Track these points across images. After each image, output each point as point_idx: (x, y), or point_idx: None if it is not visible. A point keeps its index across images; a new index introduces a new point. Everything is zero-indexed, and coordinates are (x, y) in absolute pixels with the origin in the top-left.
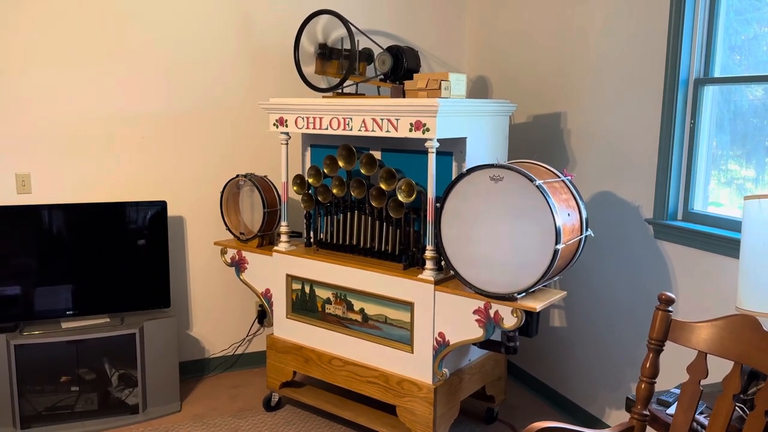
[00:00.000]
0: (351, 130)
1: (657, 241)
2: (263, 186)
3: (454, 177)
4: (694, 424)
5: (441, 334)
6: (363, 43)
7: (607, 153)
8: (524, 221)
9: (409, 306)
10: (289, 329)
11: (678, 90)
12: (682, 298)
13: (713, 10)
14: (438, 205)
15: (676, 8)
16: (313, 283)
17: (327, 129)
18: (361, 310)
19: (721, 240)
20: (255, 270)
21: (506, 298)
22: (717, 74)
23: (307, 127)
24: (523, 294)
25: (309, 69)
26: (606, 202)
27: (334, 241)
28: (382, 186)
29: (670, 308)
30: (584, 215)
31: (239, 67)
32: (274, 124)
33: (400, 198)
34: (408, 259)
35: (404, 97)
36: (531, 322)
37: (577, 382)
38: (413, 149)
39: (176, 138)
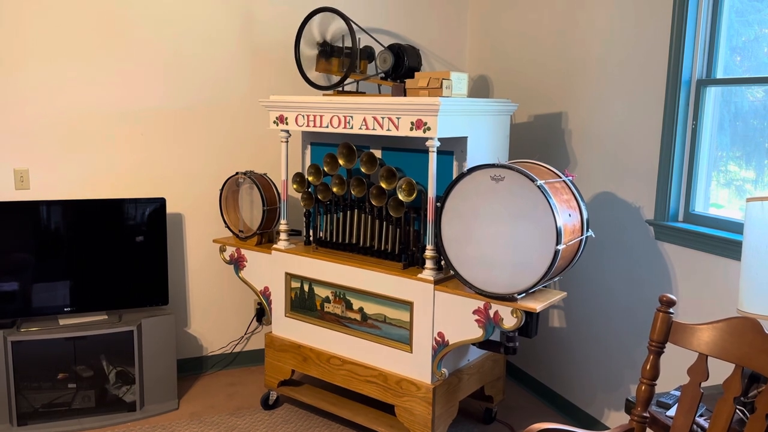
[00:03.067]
0: (351, 128)
1: (658, 242)
2: (263, 184)
3: (454, 176)
4: (695, 426)
5: (440, 334)
6: (364, 40)
7: (609, 154)
8: (525, 221)
9: (408, 305)
10: (287, 328)
11: (680, 91)
12: (683, 299)
13: (716, 11)
14: (438, 204)
15: (679, 8)
16: (312, 281)
17: (327, 127)
18: (360, 309)
19: (722, 242)
20: (254, 268)
21: (506, 298)
22: (719, 75)
23: (308, 125)
24: (523, 294)
25: (310, 67)
26: (607, 203)
27: (334, 240)
28: (383, 185)
29: (671, 310)
30: (585, 216)
31: (240, 64)
32: (275, 122)
33: (401, 197)
34: (408, 259)
35: (405, 95)
36: (531, 322)
37: (577, 383)
38: (414, 148)
39: (176, 135)
